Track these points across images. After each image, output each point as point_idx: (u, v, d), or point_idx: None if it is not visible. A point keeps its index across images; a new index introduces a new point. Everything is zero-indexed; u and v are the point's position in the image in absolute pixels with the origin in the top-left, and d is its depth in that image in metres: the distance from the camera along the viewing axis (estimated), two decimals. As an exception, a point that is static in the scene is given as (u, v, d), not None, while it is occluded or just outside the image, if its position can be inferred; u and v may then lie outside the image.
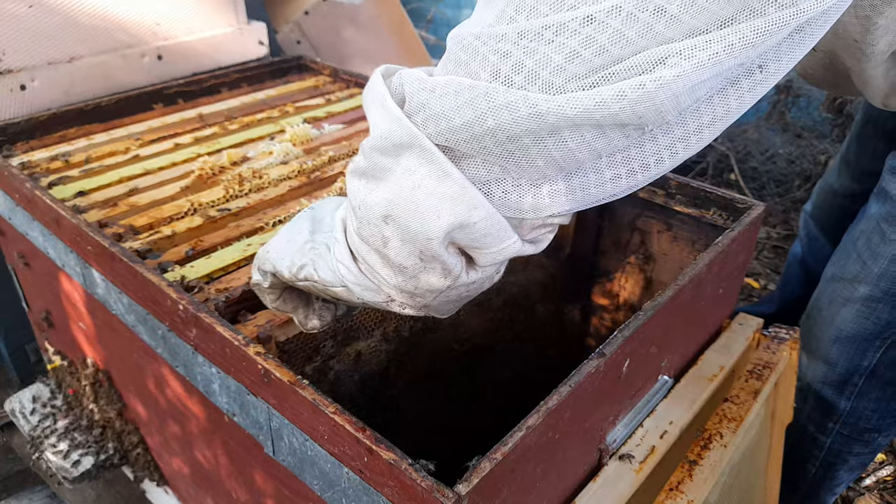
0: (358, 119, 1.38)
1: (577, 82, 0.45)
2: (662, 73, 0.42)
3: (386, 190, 0.54)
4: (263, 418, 0.72)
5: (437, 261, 0.55)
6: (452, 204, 0.51)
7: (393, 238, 0.55)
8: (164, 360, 0.89)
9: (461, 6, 4.18)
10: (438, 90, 0.49)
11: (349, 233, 0.60)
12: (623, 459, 0.81)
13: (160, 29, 1.50)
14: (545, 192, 0.52)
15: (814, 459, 1.25)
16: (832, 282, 1.14)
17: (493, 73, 0.47)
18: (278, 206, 1.07)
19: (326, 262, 0.62)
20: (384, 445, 0.57)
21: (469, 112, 0.48)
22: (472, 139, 0.49)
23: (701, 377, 0.94)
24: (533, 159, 0.49)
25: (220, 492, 0.96)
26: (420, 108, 0.51)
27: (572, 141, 0.46)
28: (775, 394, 1.05)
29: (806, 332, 1.21)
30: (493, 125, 0.47)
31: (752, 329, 1.04)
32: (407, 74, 0.53)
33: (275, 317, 0.83)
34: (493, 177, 0.52)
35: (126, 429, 1.18)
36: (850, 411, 1.17)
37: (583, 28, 0.43)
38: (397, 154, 0.52)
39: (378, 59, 2.15)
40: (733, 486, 0.95)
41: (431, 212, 0.52)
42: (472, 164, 0.51)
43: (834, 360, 1.15)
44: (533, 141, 0.47)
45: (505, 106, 0.46)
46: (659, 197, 1.11)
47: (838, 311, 1.12)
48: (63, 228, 0.98)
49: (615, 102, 0.43)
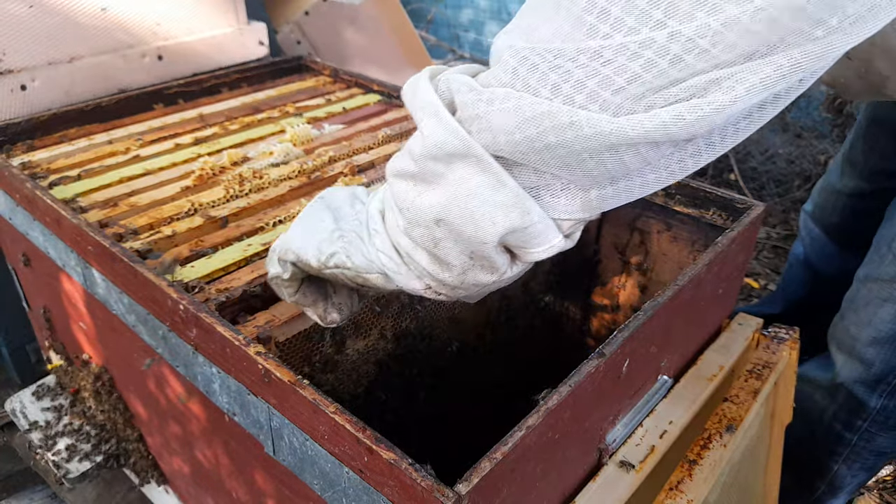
0: (358, 119, 1.38)
1: (636, 102, 0.46)
2: (718, 97, 0.44)
3: (439, 195, 0.56)
4: (264, 418, 0.73)
5: (487, 260, 0.58)
6: (507, 211, 0.54)
7: (445, 239, 0.57)
8: (165, 360, 0.89)
9: (461, 6, 4.18)
10: (497, 104, 0.51)
11: (391, 228, 0.62)
12: (622, 466, 0.81)
13: (160, 29, 1.50)
14: (593, 195, 0.54)
15: (836, 457, 1.26)
16: (868, 282, 1.14)
17: (553, 90, 0.48)
18: (278, 206, 1.08)
19: (360, 250, 0.64)
20: (384, 445, 0.57)
21: (531, 129, 0.49)
22: (530, 152, 0.51)
23: (700, 377, 0.94)
24: (588, 170, 0.51)
25: (221, 491, 0.96)
26: (475, 118, 0.52)
27: (628, 155, 0.49)
28: (775, 393, 1.05)
29: (841, 333, 1.20)
30: (555, 142, 0.49)
31: (751, 329, 1.04)
32: (456, 81, 0.54)
33: (274, 317, 0.83)
34: (543, 182, 0.54)
35: (126, 428, 1.18)
36: (880, 409, 1.19)
37: (643, 51, 0.45)
38: (450, 162, 0.54)
39: (378, 60, 2.15)
40: (733, 486, 0.95)
41: (486, 219, 0.54)
42: (524, 172, 0.53)
43: (871, 361, 1.15)
44: (590, 155, 0.49)
45: (569, 125, 0.48)
46: (659, 197, 1.11)
47: (876, 312, 1.12)
48: (64, 228, 0.98)
49: (674, 124, 0.45)
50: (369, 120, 1.38)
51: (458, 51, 4.10)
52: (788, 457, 1.33)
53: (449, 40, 4.22)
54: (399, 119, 1.39)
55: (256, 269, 0.91)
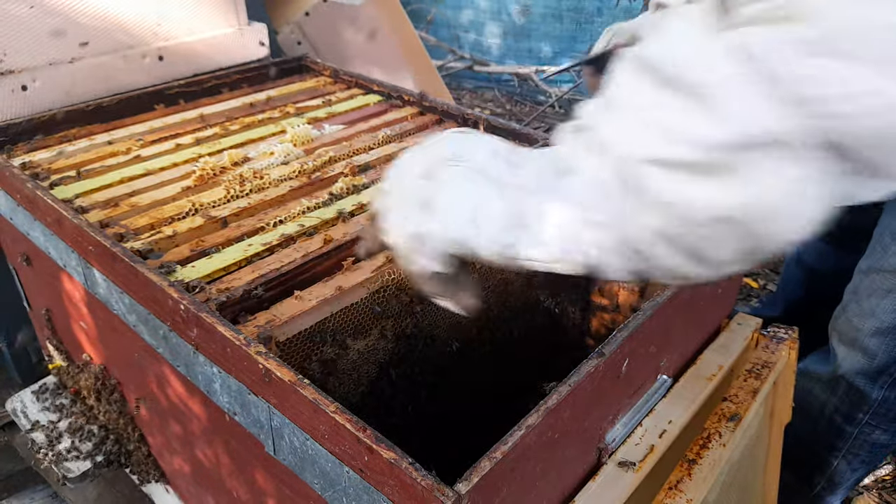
0: (359, 119, 1.39)
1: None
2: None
3: (736, 190, 0.47)
4: (264, 417, 0.73)
5: (763, 255, 0.51)
6: (816, 204, 0.47)
7: (722, 238, 0.50)
8: (166, 360, 0.89)
9: (461, 7, 4.18)
10: (856, 94, 0.42)
11: (615, 215, 0.53)
12: (622, 466, 0.81)
13: (161, 30, 1.51)
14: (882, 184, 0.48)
15: (836, 452, 1.26)
16: (871, 273, 1.15)
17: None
18: (279, 206, 1.08)
19: (536, 238, 0.56)
20: (384, 445, 0.58)
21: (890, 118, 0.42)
22: (872, 146, 0.44)
23: (700, 377, 0.94)
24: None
25: (221, 490, 0.97)
26: (817, 101, 0.43)
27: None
28: (774, 393, 1.06)
29: (844, 325, 1.21)
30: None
31: (750, 329, 1.05)
32: (778, 54, 0.43)
33: (275, 317, 0.84)
34: (846, 169, 0.46)
35: (127, 428, 1.18)
36: (882, 400, 1.19)
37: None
38: (760, 151, 0.46)
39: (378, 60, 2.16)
40: (732, 485, 0.96)
41: (794, 214, 0.47)
42: (830, 161, 0.46)
43: (873, 352, 1.16)
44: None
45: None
46: (658, 197, 1.11)
47: (879, 303, 1.13)
48: (64, 229, 0.98)
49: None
50: (369, 120, 1.38)
51: (458, 51, 4.10)
52: (788, 454, 1.34)
53: (449, 41, 4.22)
54: (399, 119, 1.39)
55: (257, 269, 0.91)
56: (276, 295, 0.88)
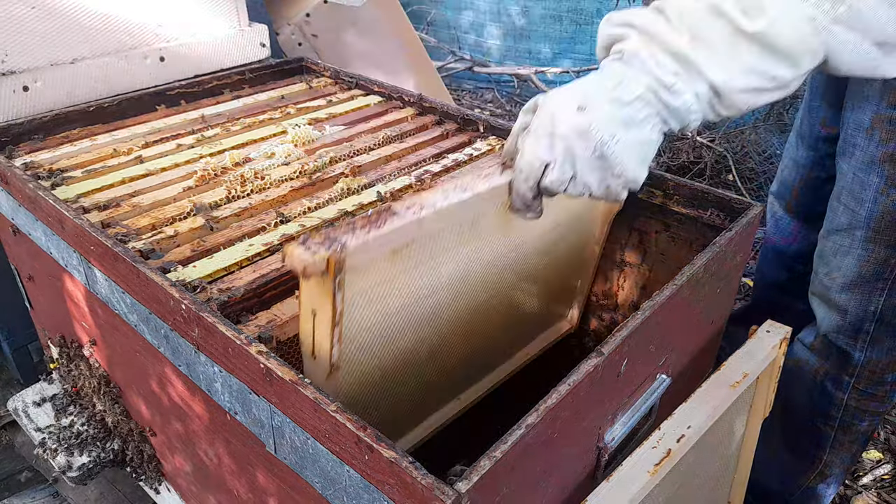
0: (359, 120, 1.39)
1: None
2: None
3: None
4: (265, 416, 0.73)
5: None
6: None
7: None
8: (167, 359, 0.89)
9: (461, 8, 4.19)
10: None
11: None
12: (636, 467, 0.78)
13: (162, 31, 1.51)
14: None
15: (832, 422, 1.31)
16: (830, 235, 1.23)
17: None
18: (280, 206, 1.08)
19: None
20: (385, 444, 0.58)
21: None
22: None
23: (723, 383, 0.92)
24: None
25: (222, 489, 0.97)
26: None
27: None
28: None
29: (817, 285, 1.27)
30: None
31: (779, 337, 1.01)
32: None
33: (276, 317, 0.84)
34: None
35: (128, 427, 1.19)
36: (864, 363, 1.23)
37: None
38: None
39: (379, 61, 2.16)
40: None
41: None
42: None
43: (844, 307, 1.22)
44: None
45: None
46: (657, 197, 1.12)
47: (843, 260, 1.20)
48: (66, 229, 0.98)
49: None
50: (370, 121, 1.38)
51: (458, 52, 4.11)
52: (787, 433, 1.36)
53: (449, 42, 4.22)
54: (399, 120, 1.39)
55: (258, 269, 0.92)
56: (276, 294, 0.89)
